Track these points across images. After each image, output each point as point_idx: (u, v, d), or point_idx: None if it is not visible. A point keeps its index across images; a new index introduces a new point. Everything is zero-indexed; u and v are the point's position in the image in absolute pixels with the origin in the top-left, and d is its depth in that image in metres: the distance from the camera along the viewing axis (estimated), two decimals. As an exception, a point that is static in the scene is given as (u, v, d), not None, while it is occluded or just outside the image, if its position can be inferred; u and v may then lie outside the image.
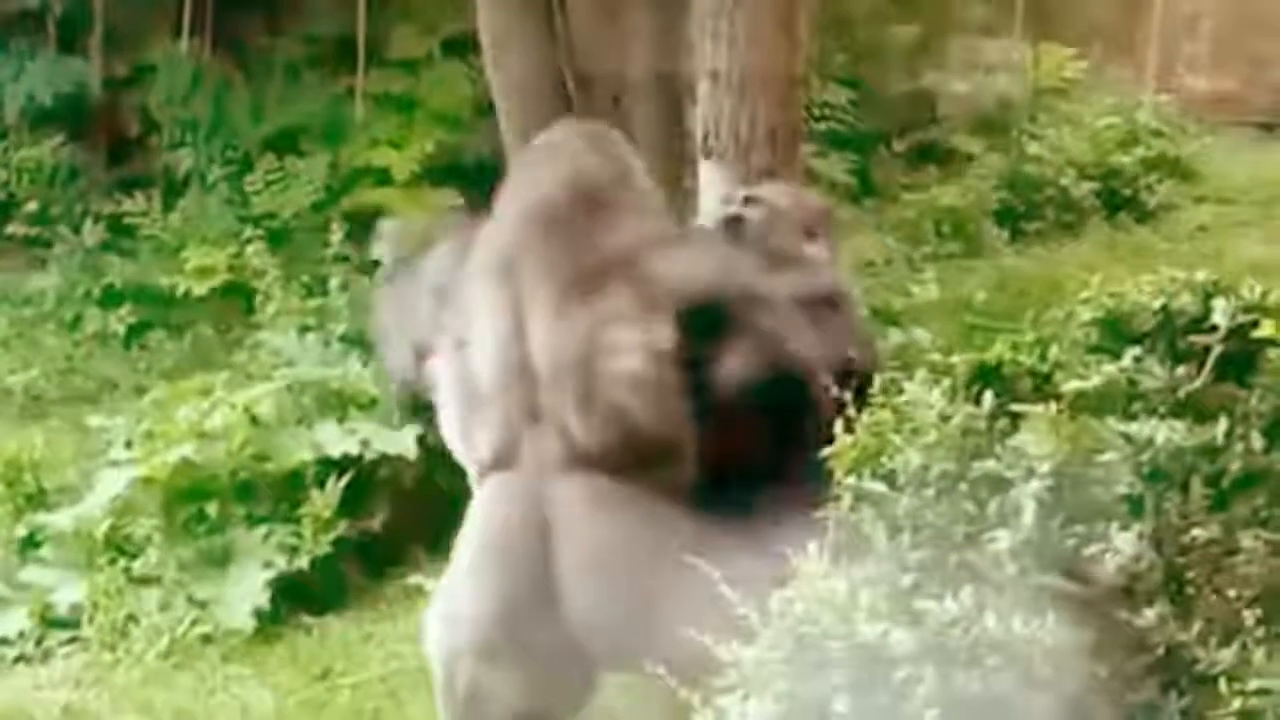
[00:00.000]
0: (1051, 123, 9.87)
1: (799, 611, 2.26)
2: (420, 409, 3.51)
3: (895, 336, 6.87)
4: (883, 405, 2.61)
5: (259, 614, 4.90)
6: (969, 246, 8.70)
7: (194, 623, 4.90)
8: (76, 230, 7.91)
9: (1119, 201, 9.31)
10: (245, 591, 4.91)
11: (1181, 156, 9.81)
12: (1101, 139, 9.64)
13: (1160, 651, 2.06)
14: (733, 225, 3.30)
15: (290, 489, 5.13)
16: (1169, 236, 8.99)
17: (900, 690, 2.09)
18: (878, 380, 2.74)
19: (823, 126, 9.01)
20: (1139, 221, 9.23)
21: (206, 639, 4.86)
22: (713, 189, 6.29)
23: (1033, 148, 9.49)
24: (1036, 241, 8.93)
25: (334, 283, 6.55)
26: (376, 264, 7.51)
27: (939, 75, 10.22)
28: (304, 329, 6.19)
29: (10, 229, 8.07)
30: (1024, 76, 10.08)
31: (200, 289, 7.47)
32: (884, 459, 2.41)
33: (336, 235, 7.04)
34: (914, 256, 8.39)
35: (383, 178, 8.04)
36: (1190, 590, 2.17)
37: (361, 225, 7.31)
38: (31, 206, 8.04)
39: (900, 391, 2.51)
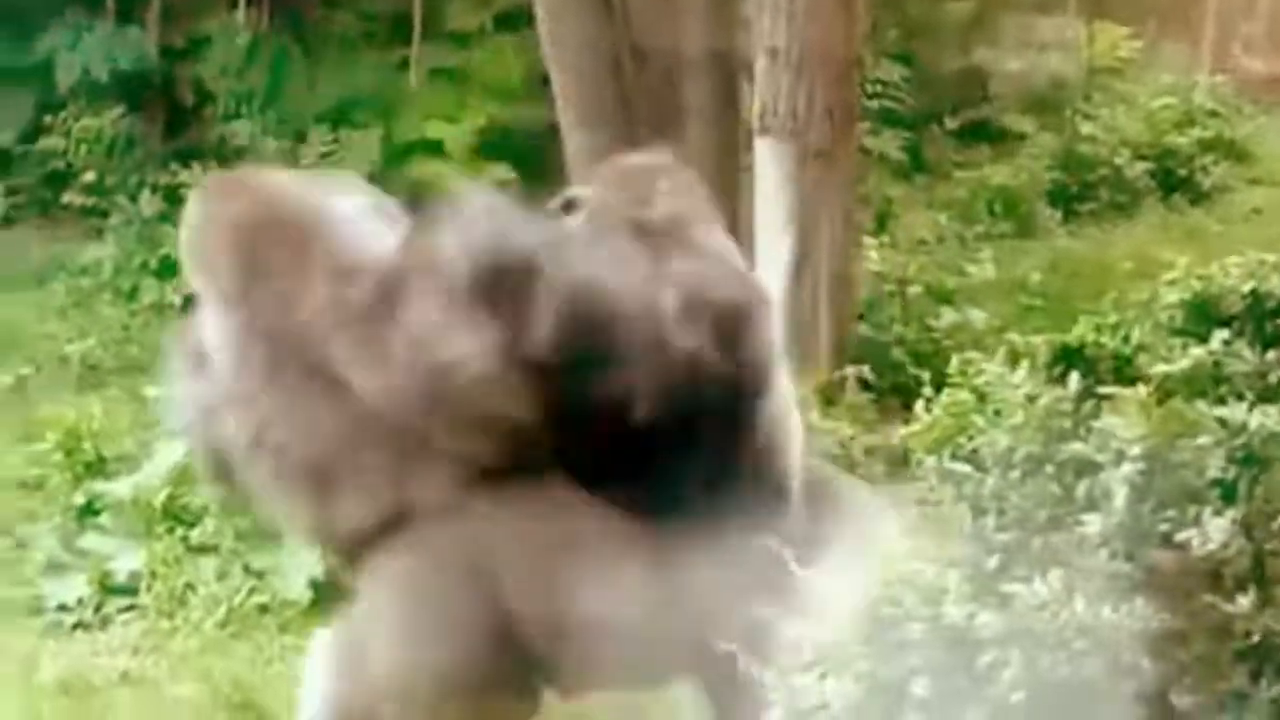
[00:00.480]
0: (1106, 102, 9.78)
1: (879, 592, 2.25)
2: None
3: (949, 316, 6.83)
4: (960, 385, 2.59)
5: (315, 585, 4.91)
6: (1021, 226, 8.64)
7: (251, 592, 4.92)
8: (133, 200, 7.96)
9: (1174, 183, 9.23)
10: (302, 562, 4.92)
11: (1236, 138, 9.71)
12: (1157, 119, 9.55)
13: (1252, 639, 2.04)
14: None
15: (347, 461, 5.14)
16: (1223, 219, 8.91)
17: (985, 673, 2.08)
18: (954, 360, 2.72)
19: (875, 104, 8.95)
20: (1193, 203, 9.15)
21: (263, 609, 4.89)
22: (769, 166, 6.28)
23: (1086, 127, 9.41)
24: (1090, 222, 8.87)
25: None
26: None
27: (992, 53, 10.15)
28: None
29: (68, 199, 8.12)
30: (1078, 55, 10.00)
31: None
32: (963, 440, 2.39)
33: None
34: (966, 235, 8.35)
35: (436, 151, 8.05)
36: (1270, 576, 2.15)
37: (416, 199, 7.32)
38: (89, 177, 8.08)
39: (979, 372, 2.49)
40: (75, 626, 4.98)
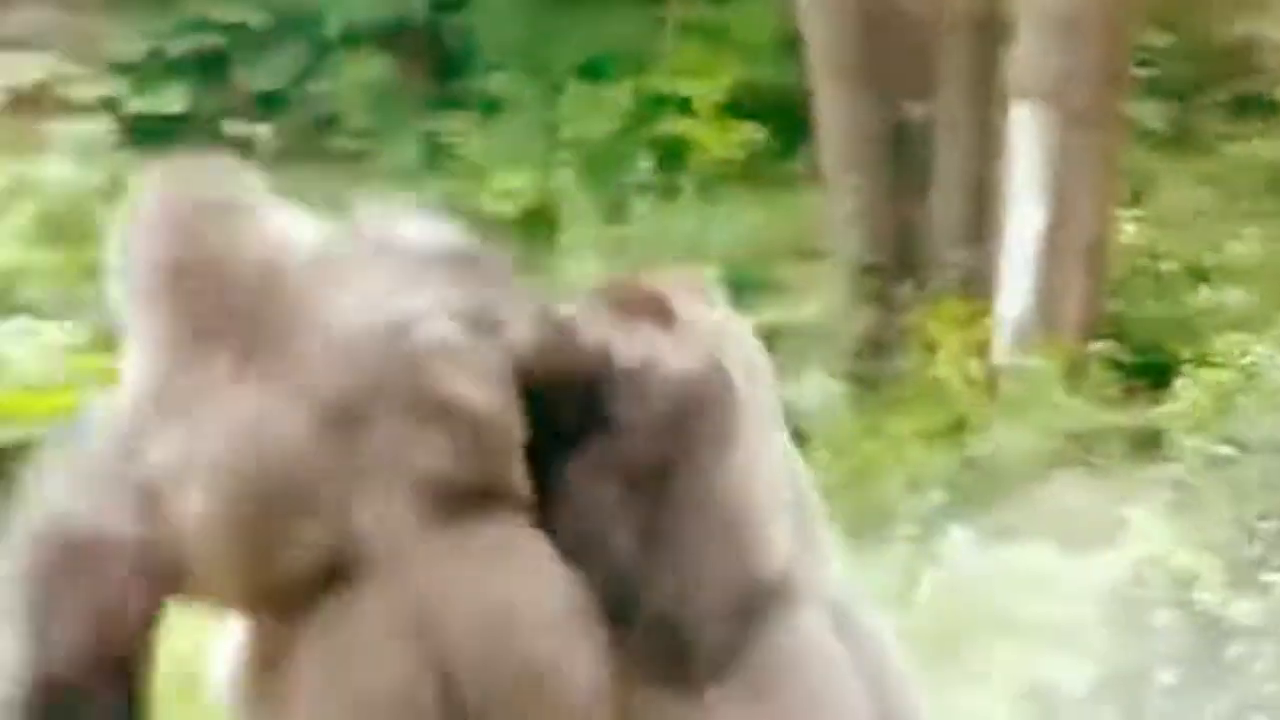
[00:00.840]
0: (1388, 76, 9.30)
1: (1125, 574, 2.20)
2: None
3: (1205, 294, 6.62)
4: (1224, 365, 2.51)
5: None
6: (1287, 204, 8.31)
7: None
8: (397, 148, 8.21)
9: None
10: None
11: None
12: None
13: None
14: None
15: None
16: None
17: (1234, 663, 2.02)
18: (1216, 340, 2.64)
19: (1140, 72, 8.68)
20: None
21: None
22: (1027, 131, 6.15)
23: (1363, 102, 8.98)
24: (1362, 202, 8.47)
25: (637, 211, 6.65)
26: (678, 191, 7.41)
27: (1265, 22, 9.73)
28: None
29: (335, 143, 8.42)
30: (1360, 26, 9.51)
31: (510, 210, 7.64)
32: (1224, 422, 2.32)
33: (643, 163, 7.13)
34: (1229, 212, 8.06)
35: (685, 109, 8.09)
36: None
37: (666, 154, 7.40)
38: (356, 122, 8.37)
39: (1244, 352, 2.42)
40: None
